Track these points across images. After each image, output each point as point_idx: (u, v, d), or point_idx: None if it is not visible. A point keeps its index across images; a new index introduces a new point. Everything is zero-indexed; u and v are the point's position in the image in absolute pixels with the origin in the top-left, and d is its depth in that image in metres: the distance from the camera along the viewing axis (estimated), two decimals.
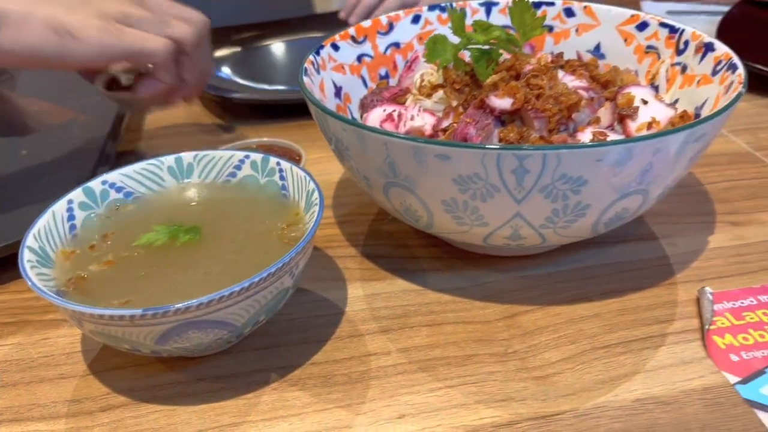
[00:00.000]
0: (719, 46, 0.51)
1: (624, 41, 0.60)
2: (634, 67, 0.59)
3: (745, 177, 0.61)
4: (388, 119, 0.54)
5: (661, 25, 0.57)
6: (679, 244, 0.53)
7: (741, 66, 0.47)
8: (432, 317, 0.47)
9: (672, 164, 0.42)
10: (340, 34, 0.59)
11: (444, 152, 0.40)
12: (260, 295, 0.39)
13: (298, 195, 0.47)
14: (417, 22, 0.64)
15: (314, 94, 0.50)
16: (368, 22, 0.61)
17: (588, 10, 0.62)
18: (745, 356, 0.42)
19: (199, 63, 0.59)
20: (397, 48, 0.63)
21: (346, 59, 0.59)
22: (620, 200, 0.42)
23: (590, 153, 0.38)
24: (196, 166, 0.51)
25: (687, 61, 0.54)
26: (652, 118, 0.49)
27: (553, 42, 0.64)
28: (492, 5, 0.64)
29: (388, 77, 0.63)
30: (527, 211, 0.42)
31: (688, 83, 0.54)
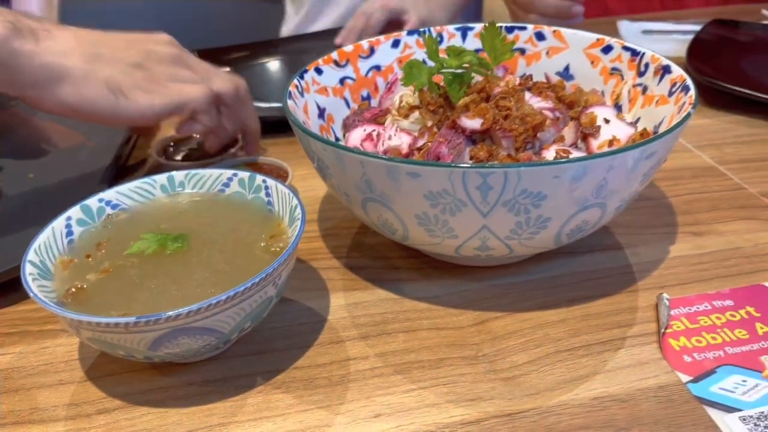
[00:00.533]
0: (675, 68, 0.55)
1: (591, 63, 0.64)
2: (601, 88, 0.63)
3: (707, 190, 0.65)
4: (367, 138, 0.57)
5: (623, 49, 0.61)
6: (642, 253, 0.56)
7: (693, 88, 0.51)
8: (408, 324, 0.50)
9: (626, 180, 0.45)
10: (324, 59, 0.63)
11: (414, 170, 0.43)
12: (245, 303, 0.42)
13: (283, 210, 0.51)
14: (397, 47, 0.68)
15: (298, 116, 0.54)
16: (350, 47, 0.65)
17: (557, 34, 0.66)
18: (698, 357, 0.45)
19: (240, 113, 0.66)
20: (378, 71, 0.67)
21: (329, 82, 0.63)
22: (579, 213, 0.46)
23: (548, 170, 0.42)
24: (187, 184, 0.55)
25: (647, 82, 0.58)
26: (612, 136, 0.53)
27: (526, 64, 0.68)
28: (467, 30, 0.68)
29: (369, 98, 0.66)
30: (493, 223, 0.45)
31: (648, 103, 0.57)
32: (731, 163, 0.70)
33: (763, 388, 0.43)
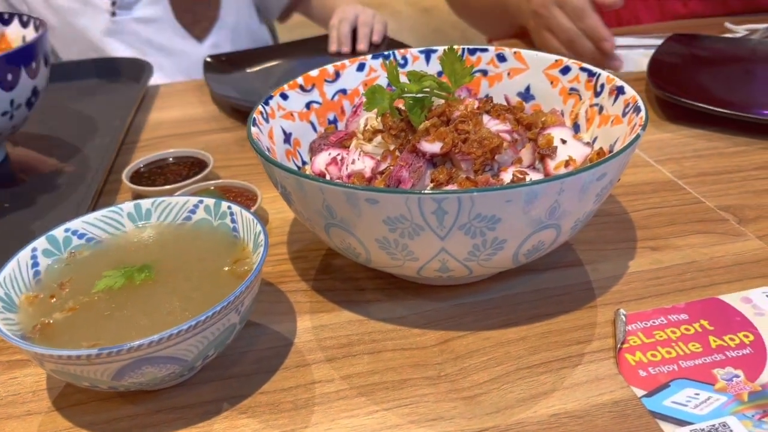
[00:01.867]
0: (628, 89, 0.57)
1: (550, 84, 0.65)
2: (560, 108, 0.65)
3: (666, 204, 0.67)
4: (332, 162, 0.58)
5: (581, 70, 0.63)
6: (602, 269, 0.58)
7: (643, 109, 0.53)
8: (373, 345, 0.51)
9: (579, 201, 0.47)
10: (289, 84, 0.64)
11: (372, 197, 0.44)
12: (208, 332, 0.43)
13: (248, 236, 0.51)
14: (362, 70, 0.69)
15: (262, 143, 0.55)
16: (315, 71, 0.66)
17: (518, 56, 0.67)
18: (652, 371, 0.47)
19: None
20: (344, 94, 0.68)
21: (295, 107, 0.64)
22: (534, 234, 0.47)
23: (500, 195, 0.43)
24: (154, 212, 0.55)
25: (603, 102, 0.60)
26: (569, 156, 0.55)
27: (488, 85, 0.69)
28: (431, 52, 0.70)
29: (336, 122, 0.68)
30: (451, 246, 0.46)
31: (604, 123, 0.59)
32: (690, 177, 0.71)
33: (715, 401, 0.44)
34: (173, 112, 0.98)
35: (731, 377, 0.46)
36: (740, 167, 0.73)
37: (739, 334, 0.50)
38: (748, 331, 0.50)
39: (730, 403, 0.44)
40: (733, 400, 0.44)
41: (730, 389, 0.45)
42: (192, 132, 0.91)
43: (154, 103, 1.02)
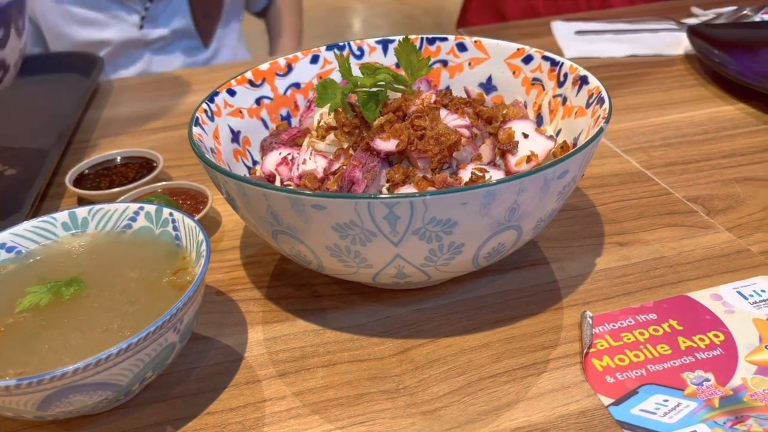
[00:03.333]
0: (592, 79, 0.54)
1: (512, 74, 0.63)
2: (523, 99, 0.62)
3: (634, 196, 0.64)
4: (283, 162, 0.55)
5: (543, 58, 0.60)
6: (568, 267, 0.55)
7: (608, 100, 0.50)
8: (329, 357, 0.48)
9: (540, 200, 0.44)
10: (236, 79, 0.60)
11: (319, 203, 0.41)
12: (143, 353, 0.39)
13: (190, 245, 0.48)
14: (316, 62, 0.65)
15: (205, 143, 0.51)
16: (266, 65, 0.63)
17: (478, 45, 0.64)
18: (620, 377, 0.45)
19: None
20: (297, 88, 0.65)
21: (244, 103, 0.60)
22: (494, 236, 0.44)
23: (455, 197, 0.40)
24: (91, 220, 0.52)
25: (566, 93, 0.57)
26: (530, 151, 0.52)
27: (449, 76, 0.66)
28: (388, 43, 0.67)
29: (289, 117, 0.64)
30: (406, 252, 0.43)
31: (568, 114, 0.56)
32: (658, 167, 0.69)
33: (685, 407, 0.42)
34: (127, 109, 0.93)
35: (701, 381, 0.44)
36: (708, 155, 0.71)
37: (709, 334, 0.48)
38: (718, 331, 0.48)
39: (700, 409, 0.42)
40: (704, 406, 0.42)
41: (700, 394, 0.43)
42: (146, 129, 0.87)
43: (108, 99, 0.97)
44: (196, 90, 0.96)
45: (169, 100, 0.94)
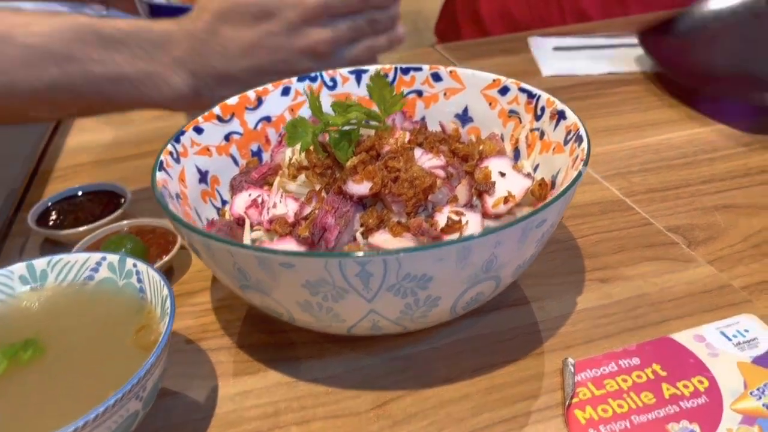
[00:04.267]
0: (570, 114, 0.53)
1: (489, 105, 0.61)
2: (500, 131, 0.60)
3: (615, 227, 0.63)
4: (252, 205, 0.53)
5: (520, 90, 0.59)
6: (549, 307, 0.54)
7: (586, 139, 0.49)
8: (302, 414, 0.46)
9: (518, 250, 0.43)
10: (204, 116, 0.58)
11: (287, 261, 0.39)
12: (102, 428, 0.37)
13: (155, 299, 0.46)
14: (287, 94, 0.63)
15: (168, 189, 0.49)
16: (234, 99, 0.61)
17: (453, 75, 0.63)
18: (603, 430, 0.43)
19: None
20: (267, 122, 0.63)
21: (212, 140, 0.58)
22: (472, 288, 0.43)
23: (430, 254, 0.38)
24: (50, 272, 0.49)
25: (544, 127, 0.56)
26: (508, 192, 0.50)
27: (424, 106, 0.65)
28: (361, 73, 0.65)
29: (260, 152, 0.62)
30: (380, 307, 0.42)
31: (546, 149, 0.55)
32: (638, 194, 0.68)
33: None
34: (94, 135, 0.90)
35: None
36: (688, 181, 0.70)
37: (693, 380, 0.46)
38: (702, 376, 0.47)
39: None
40: None
41: None
42: (114, 157, 0.84)
43: (74, 124, 0.94)
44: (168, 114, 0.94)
45: (139, 125, 0.91)
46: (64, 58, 0.57)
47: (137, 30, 0.61)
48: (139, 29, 0.61)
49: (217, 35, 0.63)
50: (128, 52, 0.60)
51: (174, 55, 0.62)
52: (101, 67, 0.59)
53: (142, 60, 0.61)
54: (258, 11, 0.63)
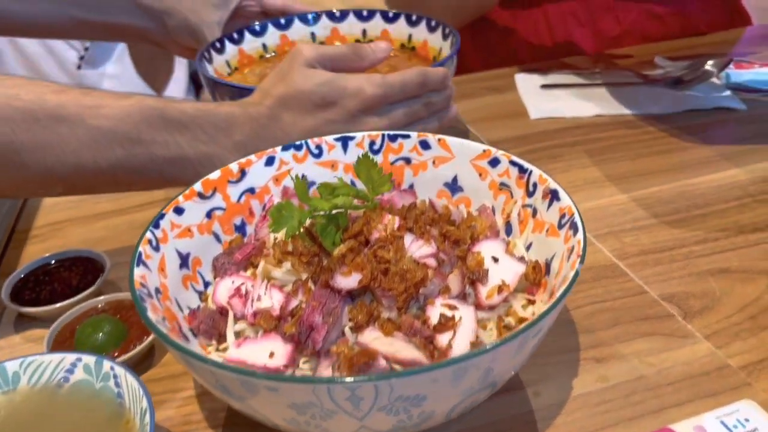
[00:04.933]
0: (563, 195, 0.52)
1: (479, 176, 0.59)
2: (491, 203, 0.59)
3: (609, 297, 0.62)
4: (236, 294, 0.51)
5: (511, 164, 0.57)
6: (544, 393, 0.52)
7: (581, 229, 0.47)
8: None
9: (514, 359, 0.41)
10: (184, 194, 0.56)
11: (272, 385, 0.37)
12: None
13: (134, 407, 0.44)
14: (271, 164, 0.61)
15: (147, 286, 0.47)
16: (216, 173, 0.58)
17: (442, 143, 0.61)
18: None
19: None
20: (251, 194, 0.60)
21: (193, 219, 0.56)
22: (467, 398, 0.41)
23: (424, 377, 0.37)
24: (23, 374, 0.47)
25: (536, 204, 0.54)
26: (501, 281, 0.49)
27: (412, 174, 0.63)
28: (348, 140, 0.63)
29: (244, 226, 0.60)
30: (372, 424, 0.40)
31: (539, 229, 0.53)
32: (631, 256, 0.67)
33: None
34: None
35: None
36: (681, 241, 0.69)
37: None
38: None
39: None
40: None
41: None
42: (94, 214, 0.81)
43: None
44: None
45: None
46: (130, 141, 0.59)
47: (202, 113, 0.62)
48: (204, 113, 0.62)
49: (278, 120, 0.64)
50: (191, 135, 0.61)
51: (235, 138, 0.63)
52: (164, 150, 0.60)
53: (204, 143, 0.61)
54: (320, 99, 0.64)
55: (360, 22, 0.92)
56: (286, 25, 0.92)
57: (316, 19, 0.93)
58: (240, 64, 0.89)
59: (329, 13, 0.93)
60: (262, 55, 0.91)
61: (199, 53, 0.81)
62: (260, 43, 0.91)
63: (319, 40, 0.93)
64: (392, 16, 0.91)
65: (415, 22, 0.89)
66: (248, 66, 0.89)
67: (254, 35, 0.90)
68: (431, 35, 0.87)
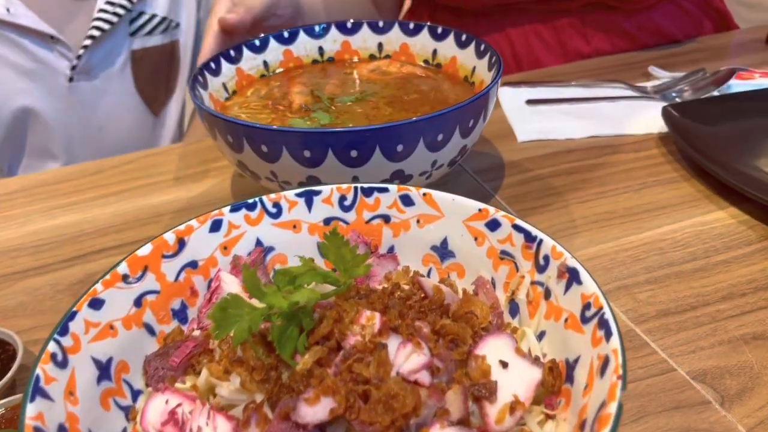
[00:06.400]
0: (585, 277, 0.41)
1: (474, 240, 0.49)
2: (489, 274, 0.48)
3: (632, 377, 0.52)
4: (170, 421, 0.39)
5: (515, 228, 0.46)
6: None
7: (616, 332, 0.37)
8: None
9: None
10: (104, 280, 0.44)
11: None
12: None
13: None
14: (218, 229, 0.50)
15: (45, 427, 0.35)
16: (147, 247, 0.46)
17: (428, 199, 0.50)
18: None
19: None
20: (193, 268, 0.49)
21: (117, 313, 0.44)
22: None
23: None
24: None
25: (550, 284, 0.44)
26: (514, 396, 0.38)
27: (392, 234, 0.52)
28: (312, 195, 0.51)
29: (184, 310, 0.48)
30: None
31: (554, 315, 0.43)
32: (650, 320, 0.57)
33: None
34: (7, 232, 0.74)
35: None
36: (704, 297, 0.59)
37: None
38: None
39: None
40: None
41: None
42: (14, 272, 0.68)
43: None
44: (85, 202, 0.78)
45: (39, 222, 0.75)
46: None
47: None
48: None
49: None
50: None
51: None
52: None
53: None
54: None
55: (375, 34, 0.80)
56: (289, 38, 0.79)
57: (324, 32, 0.80)
58: (239, 86, 0.75)
59: (340, 24, 0.80)
60: (263, 74, 0.78)
61: (192, 78, 0.68)
62: (261, 60, 0.78)
63: (328, 55, 0.81)
64: (413, 28, 0.79)
65: (441, 35, 0.77)
66: (249, 87, 0.76)
67: (253, 51, 0.77)
68: (461, 51, 0.75)
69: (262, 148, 0.57)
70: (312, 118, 0.67)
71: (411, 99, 0.70)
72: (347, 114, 0.68)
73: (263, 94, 0.74)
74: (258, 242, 0.51)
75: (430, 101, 0.70)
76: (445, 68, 0.77)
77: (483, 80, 0.70)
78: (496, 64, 0.66)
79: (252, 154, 0.58)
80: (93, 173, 0.84)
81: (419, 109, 0.68)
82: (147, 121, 1.21)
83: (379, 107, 0.69)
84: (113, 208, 0.77)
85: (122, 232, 0.72)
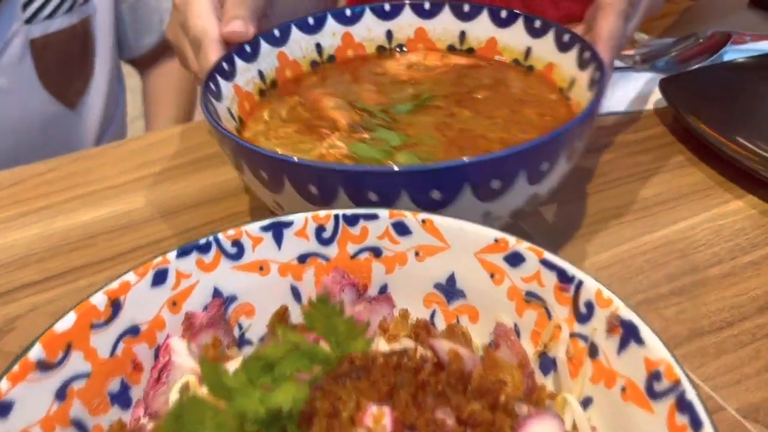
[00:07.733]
0: (648, 336, 0.32)
1: (490, 277, 0.39)
2: (512, 319, 0.39)
3: None
4: None
5: (544, 264, 0.37)
6: None
7: (707, 421, 0.28)
8: None
9: None
10: (12, 373, 0.32)
11: None
12: None
13: None
14: (162, 281, 0.38)
15: None
16: (70, 318, 0.35)
17: (428, 226, 0.40)
18: None
19: None
20: (134, 336, 0.38)
21: (32, 414, 0.33)
22: None
23: None
24: None
25: (596, 339, 0.34)
26: None
27: (385, 270, 0.42)
28: (283, 227, 0.41)
29: (126, 392, 0.37)
30: None
31: (604, 381, 0.34)
32: (683, 342, 0.49)
33: None
34: None
35: None
36: (740, 310, 0.52)
37: None
38: None
39: None
40: None
41: None
42: None
43: None
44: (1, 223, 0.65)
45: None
46: None
47: None
48: None
49: None
50: None
51: None
52: None
53: None
54: None
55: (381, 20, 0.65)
56: (281, 37, 0.62)
57: (318, 24, 0.64)
58: (243, 112, 0.57)
59: (336, 12, 0.64)
60: (262, 89, 0.61)
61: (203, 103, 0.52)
62: (255, 71, 0.60)
63: (327, 53, 0.65)
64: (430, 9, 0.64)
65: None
66: (255, 111, 0.59)
67: (245, 60, 0.59)
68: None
69: (311, 188, 0.44)
70: (375, 138, 0.53)
71: (484, 98, 0.58)
72: (413, 127, 0.55)
73: (285, 117, 0.58)
74: (216, 292, 0.40)
75: (507, 101, 0.58)
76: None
77: (551, 63, 0.59)
78: (598, 81, 0.52)
79: (294, 194, 0.45)
80: (10, 185, 0.71)
81: (495, 113, 0.56)
82: (63, 117, 1.04)
83: (453, 113, 0.56)
84: (35, 230, 0.64)
85: (46, 260, 0.60)
